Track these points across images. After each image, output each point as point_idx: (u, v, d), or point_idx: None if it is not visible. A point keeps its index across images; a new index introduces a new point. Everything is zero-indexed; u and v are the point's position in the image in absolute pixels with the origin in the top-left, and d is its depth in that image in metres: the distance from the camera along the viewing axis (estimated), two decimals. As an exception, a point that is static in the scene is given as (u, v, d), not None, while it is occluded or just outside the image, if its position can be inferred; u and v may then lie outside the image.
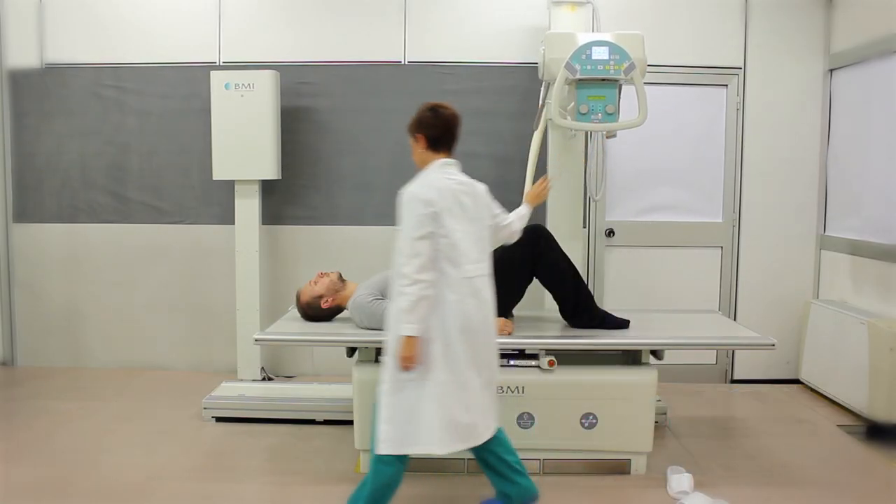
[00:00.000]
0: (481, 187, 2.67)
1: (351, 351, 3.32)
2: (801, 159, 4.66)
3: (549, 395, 3.14)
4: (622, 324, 3.31)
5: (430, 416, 2.47)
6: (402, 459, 2.57)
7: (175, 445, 3.56)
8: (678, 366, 4.56)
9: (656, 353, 3.26)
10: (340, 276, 3.42)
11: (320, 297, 3.35)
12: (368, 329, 3.22)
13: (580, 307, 3.33)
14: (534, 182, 3.76)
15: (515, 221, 3.00)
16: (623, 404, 3.14)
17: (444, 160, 2.60)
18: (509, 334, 3.18)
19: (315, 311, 3.37)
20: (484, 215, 2.62)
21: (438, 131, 2.58)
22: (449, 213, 2.46)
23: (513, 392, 3.13)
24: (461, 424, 2.49)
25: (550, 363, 3.13)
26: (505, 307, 3.32)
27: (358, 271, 3.71)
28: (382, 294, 3.26)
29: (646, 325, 3.40)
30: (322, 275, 3.41)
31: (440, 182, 2.52)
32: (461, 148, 4.53)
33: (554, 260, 3.29)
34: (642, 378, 3.16)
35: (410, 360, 2.44)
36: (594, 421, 3.15)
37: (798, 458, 3.48)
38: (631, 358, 3.31)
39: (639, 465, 3.23)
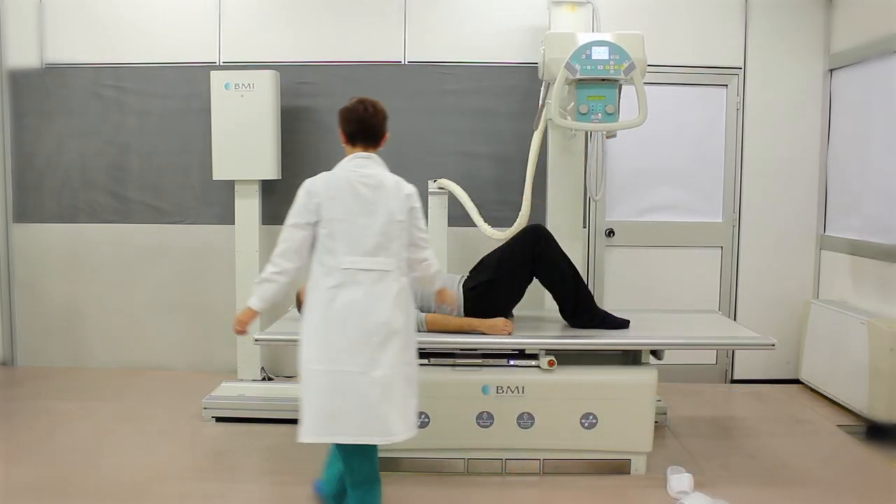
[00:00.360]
0: (395, 185, 2.53)
1: (351, 351, 3.32)
2: (801, 159, 4.66)
3: (549, 395, 3.14)
4: (622, 324, 3.32)
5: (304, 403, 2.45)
6: (363, 453, 2.46)
7: (175, 445, 3.56)
8: (678, 366, 4.55)
9: (656, 353, 3.25)
10: None
11: None
12: None
13: (580, 307, 3.33)
14: (533, 182, 3.77)
15: (433, 265, 2.67)
16: (623, 404, 3.14)
17: (356, 153, 2.58)
18: (509, 334, 3.18)
19: None
20: (393, 210, 2.48)
21: (352, 126, 2.58)
22: (333, 202, 2.46)
23: (513, 392, 3.13)
24: (326, 415, 2.40)
25: (550, 363, 3.13)
26: (505, 307, 3.34)
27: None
28: None
29: (646, 325, 3.40)
30: None
31: (337, 173, 2.54)
32: (462, 147, 4.63)
33: (554, 259, 3.29)
34: (642, 378, 3.16)
35: (241, 324, 2.59)
36: (594, 421, 3.15)
37: (798, 458, 3.48)
38: (631, 358, 3.31)
39: (639, 465, 3.23)
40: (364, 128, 2.57)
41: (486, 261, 3.40)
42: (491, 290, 3.25)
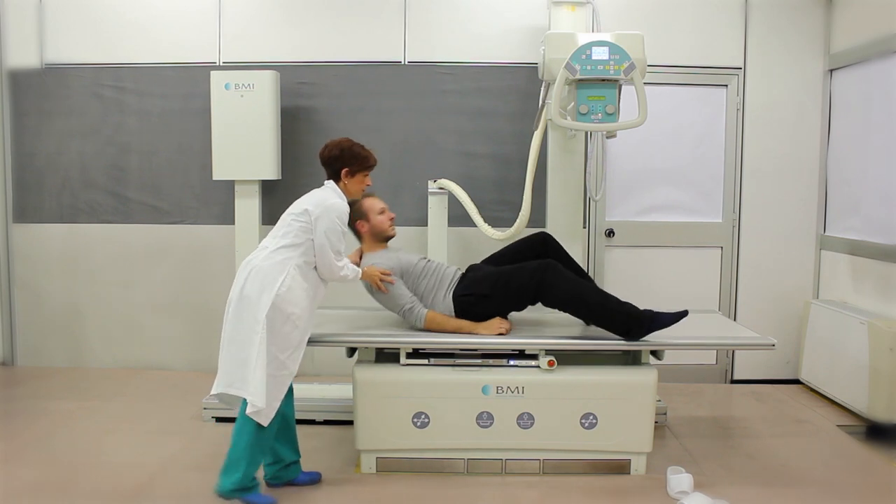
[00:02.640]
0: (305, 204, 3.08)
1: (351, 351, 3.32)
2: (801, 159, 4.66)
3: (549, 395, 3.14)
4: (680, 316, 3.11)
5: None
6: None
7: (175, 445, 3.56)
8: (678, 366, 4.56)
9: (656, 353, 3.26)
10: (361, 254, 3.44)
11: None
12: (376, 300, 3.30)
13: (617, 326, 3.14)
14: (534, 182, 3.77)
15: (321, 271, 3.03)
16: (623, 404, 3.14)
17: None
18: (507, 332, 3.18)
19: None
20: (290, 213, 3.11)
21: None
22: None
23: (513, 392, 3.13)
24: None
25: (550, 363, 3.13)
26: (503, 313, 3.30)
27: (358, 271, 3.71)
28: (401, 275, 3.25)
29: (646, 325, 3.39)
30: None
31: None
32: (462, 147, 4.63)
33: (555, 292, 3.14)
34: (642, 378, 3.16)
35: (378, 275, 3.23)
36: (594, 421, 3.15)
37: (798, 458, 3.48)
38: (631, 358, 3.31)
39: (639, 465, 3.23)
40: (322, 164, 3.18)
41: (490, 273, 3.27)
42: (482, 303, 3.20)
